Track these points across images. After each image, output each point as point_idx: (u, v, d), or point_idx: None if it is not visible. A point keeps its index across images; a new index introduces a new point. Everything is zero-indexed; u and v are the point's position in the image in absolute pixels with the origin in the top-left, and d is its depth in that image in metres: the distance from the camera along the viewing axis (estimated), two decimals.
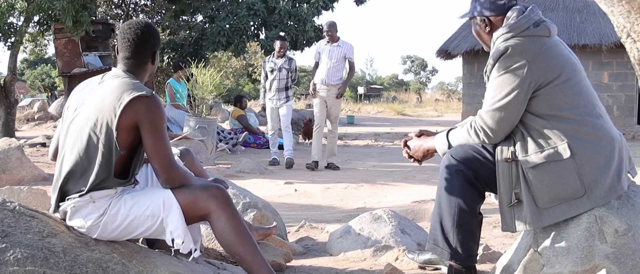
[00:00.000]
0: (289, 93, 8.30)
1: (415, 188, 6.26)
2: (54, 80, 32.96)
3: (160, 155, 2.08)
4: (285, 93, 8.26)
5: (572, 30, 13.53)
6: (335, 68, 7.72)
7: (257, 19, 14.06)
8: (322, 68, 7.76)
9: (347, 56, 7.74)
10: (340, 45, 7.72)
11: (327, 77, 7.70)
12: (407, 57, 51.34)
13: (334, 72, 7.73)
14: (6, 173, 6.16)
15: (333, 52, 7.72)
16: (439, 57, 14.86)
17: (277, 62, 8.28)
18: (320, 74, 7.79)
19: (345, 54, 7.71)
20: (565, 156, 2.09)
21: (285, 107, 8.29)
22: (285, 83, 8.26)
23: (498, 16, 2.29)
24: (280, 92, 8.23)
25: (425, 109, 30.18)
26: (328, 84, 7.72)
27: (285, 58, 8.31)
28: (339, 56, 7.70)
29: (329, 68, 7.70)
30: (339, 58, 7.71)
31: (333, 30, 7.70)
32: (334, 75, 7.73)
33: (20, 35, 10.21)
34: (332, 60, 7.72)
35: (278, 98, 8.27)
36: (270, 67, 8.31)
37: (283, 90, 8.25)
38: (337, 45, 7.72)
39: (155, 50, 2.24)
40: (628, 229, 2.04)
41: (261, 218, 3.17)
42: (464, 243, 2.31)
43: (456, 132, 2.34)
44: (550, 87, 2.14)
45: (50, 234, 1.99)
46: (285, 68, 8.24)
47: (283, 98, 8.26)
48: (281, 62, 8.25)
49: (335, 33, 7.72)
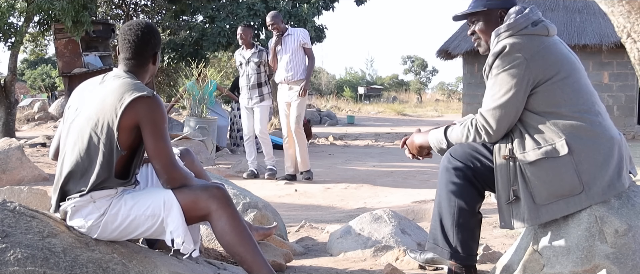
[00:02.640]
0: (263, 90, 6.93)
1: (415, 189, 6.26)
2: (54, 81, 32.96)
3: (161, 155, 2.08)
4: (257, 91, 6.91)
5: (572, 30, 13.53)
6: (295, 61, 6.58)
7: (257, 19, 14.05)
8: (281, 65, 6.63)
9: (303, 43, 6.58)
10: (291, 34, 6.62)
11: (289, 74, 6.58)
12: (408, 57, 51.37)
13: (295, 65, 6.57)
14: (6, 173, 6.17)
15: (287, 43, 6.59)
16: (439, 57, 14.85)
17: (245, 54, 6.98)
18: (280, 73, 6.66)
19: (300, 41, 6.57)
20: (563, 152, 2.09)
21: (260, 108, 6.93)
22: (256, 79, 6.91)
23: (504, 10, 2.30)
24: (252, 89, 6.92)
25: (426, 109, 30.18)
26: (290, 82, 6.60)
27: (255, 50, 6.93)
28: (294, 45, 6.57)
29: (287, 63, 6.57)
30: (295, 49, 6.56)
31: (277, 21, 6.60)
32: (296, 69, 6.58)
33: (20, 35, 10.21)
34: (289, 52, 6.57)
35: (250, 97, 6.95)
36: (239, 60, 7.05)
37: (255, 87, 6.91)
38: (288, 34, 6.62)
39: (156, 51, 2.24)
40: (628, 230, 2.04)
41: (261, 218, 3.17)
42: (463, 242, 2.31)
43: (455, 130, 2.34)
44: (548, 84, 2.15)
45: (50, 235, 1.99)
46: (254, 62, 6.88)
47: (256, 97, 6.92)
48: (249, 54, 6.93)
49: (281, 23, 6.64)
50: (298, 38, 6.57)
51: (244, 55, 6.94)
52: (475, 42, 2.41)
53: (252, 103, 6.93)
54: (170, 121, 11.05)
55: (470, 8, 2.37)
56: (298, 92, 6.55)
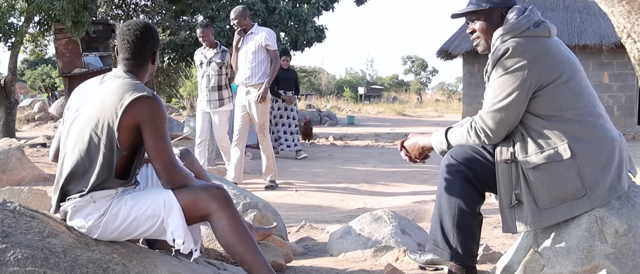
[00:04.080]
0: (224, 94, 6.36)
1: (415, 189, 6.26)
2: (55, 81, 32.96)
3: (161, 155, 2.08)
4: (217, 94, 6.34)
5: (572, 31, 13.53)
6: (256, 62, 5.95)
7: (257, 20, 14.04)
8: (240, 66, 6.05)
9: (266, 44, 5.93)
10: (254, 33, 6.01)
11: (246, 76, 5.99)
12: (408, 57, 51.34)
13: (255, 67, 5.96)
14: (6, 173, 6.17)
15: (249, 43, 5.99)
16: (439, 57, 14.85)
17: (207, 53, 6.44)
18: (238, 75, 6.09)
19: (262, 42, 5.92)
20: (566, 156, 2.08)
21: (218, 113, 6.34)
22: (217, 81, 6.34)
23: (505, 10, 2.28)
24: (212, 92, 6.34)
25: (426, 109, 30.18)
26: (248, 85, 6.01)
27: (218, 50, 6.42)
28: (256, 46, 5.93)
29: (246, 65, 5.99)
30: (256, 49, 5.93)
31: (240, 17, 5.98)
32: (255, 71, 5.96)
33: (20, 35, 10.21)
34: (249, 52, 5.96)
35: (208, 100, 6.35)
36: (199, 59, 6.48)
37: (215, 90, 6.34)
38: (251, 33, 6.01)
39: (155, 51, 2.25)
40: (628, 230, 2.04)
41: (261, 218, 3.17)
42: (464, 243, 2.31)
43: (455, 132, 2.33)
44: (550, 88, 2.13)
45: (50, 235, 1.99)
46: (216, 62, 6.35)
47: (215, 100, 6.34)
48: (211, 54, 6.40)
49: (244, 20, 5.99)
50: (261, 38, 5.94)
51: (205, 55, 6.43)
52: (475, 40, 2.37)
53: (211, 108, 6.34)
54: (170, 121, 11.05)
55: (472, 6, 2.32)
56: (256, 97, 5.93)
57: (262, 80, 5.94)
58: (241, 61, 6.04)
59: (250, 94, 6.00)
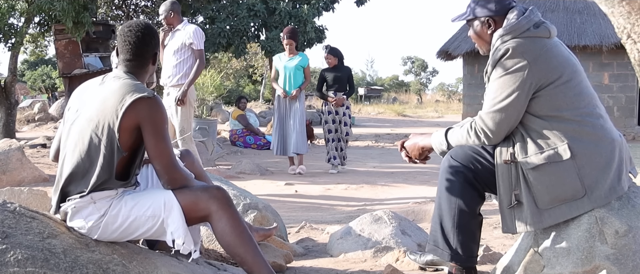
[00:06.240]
0: None
1: (415, 189, 6.26)
2: (55, 81, 32.98)
3: (162, 156, 2.08)
4: None
5: (572, 31, 13.54)
6: (178, 61, 5.43)
7: (257, 20, 14.07)
8: (164, 65, 5.56)
9: (190, 42, 5.38)
10: (180, 30, 5.46)
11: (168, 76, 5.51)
12: (408, 58, 51.36)
13: (176, 67, 5.43)
14: (6, 174, 6.17)
15: (173, 40, 5.48)
16: (439, 58, 14.87)
17: None
18: (163, 73, 5.59)
19: (187, 39, 5.37)
20: (566, 157, 2.08)
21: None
22: None
23: (499, 16, 2.28)
24: None
25: (426, 110, 30.17)
26: (168, 86, 5.52)
27: None
28: (180, 43, 5.40)
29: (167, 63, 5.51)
30: (179, 47, 5.41)
31: (167, 14, 5.48)
32: (176, 71, 5.44)
33: (20, 36, 10.22)
34: (172, 50, 5.46)
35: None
36: None
37: None
38: (177, 29, 5.48)
39: (156, 52, 2.25)
40: (628, 230, 2.04)
41: (262, 219, 3.17)
42: (464, 244, 2.31)
43: (455, 133, 2.33)
44: (551, 88, 2.14)
45: (50, 236, 2.00)
46: None
47: None
48: None
49: (170, 16, 5.47)
50: (185, 36, 5.39)
51: None
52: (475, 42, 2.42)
53: None
54: None
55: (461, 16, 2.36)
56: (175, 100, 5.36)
57: (182, 81, 5.40)
58: (165, 59, 5.56)
59: (169, 96, 5.49)
